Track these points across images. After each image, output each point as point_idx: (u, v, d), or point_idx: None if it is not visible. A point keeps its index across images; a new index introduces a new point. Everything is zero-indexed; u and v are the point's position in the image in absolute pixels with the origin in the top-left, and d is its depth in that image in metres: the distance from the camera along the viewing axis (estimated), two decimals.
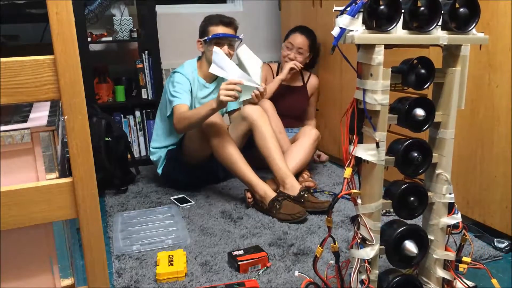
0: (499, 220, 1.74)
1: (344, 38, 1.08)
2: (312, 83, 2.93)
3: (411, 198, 1.19)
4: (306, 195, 2.10)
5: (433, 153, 1.21)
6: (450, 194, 1.23)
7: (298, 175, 2.43)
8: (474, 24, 1.14)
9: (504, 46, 1.64)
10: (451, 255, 1.26)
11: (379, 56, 1.08)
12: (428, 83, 1.16)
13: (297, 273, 1.42)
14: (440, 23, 1.13)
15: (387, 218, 1.37)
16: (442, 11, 1.12)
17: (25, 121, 0.90)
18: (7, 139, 0.82)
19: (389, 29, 1.09)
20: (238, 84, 2.02)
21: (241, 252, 1.65)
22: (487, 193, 1.77)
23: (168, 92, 2.33)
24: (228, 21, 2.33)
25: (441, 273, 1.26)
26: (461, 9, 1.13)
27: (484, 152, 1.77)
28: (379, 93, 1.10)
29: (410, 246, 1.18)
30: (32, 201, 0.82)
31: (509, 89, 1.64)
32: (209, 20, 2.35)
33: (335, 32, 1.08)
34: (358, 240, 1.20)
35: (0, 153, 0.83)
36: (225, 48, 2.27)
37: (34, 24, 2.54)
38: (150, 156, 2.57)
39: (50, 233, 0.90)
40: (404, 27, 1.11)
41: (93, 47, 2.98)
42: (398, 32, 1.10)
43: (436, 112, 1.20)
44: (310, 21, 2.88)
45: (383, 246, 1.19)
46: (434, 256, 1.26)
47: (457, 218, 1.25)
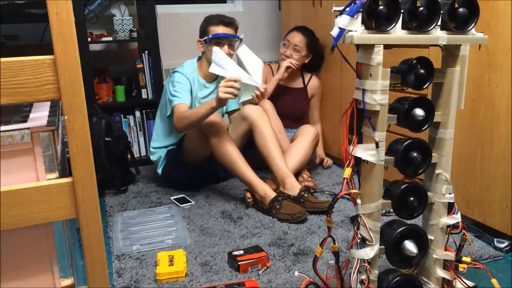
0: (499, 220, 1.74)
1: (344, 38, 1.08)
2: (313, 85, 2.88)
3: (411, 198, 1.20)
4: (306, 195, 2.10)
5: (433, 153, 1.22)
6: (450, 194, 1.23)
7: (298, 175, 2.43)
8: (474, 24, 1.14)
9: (504, 46, 1.64)
10: (451, 255, 1.26)
11: (378, 56, 1.08)
12: (428, 83, 1.17)
13: (297, 273, 1.42)
14: (439, 23, 1.13)
15: (387, 218, 1.37)
16: (441, 11, 1.12)
17: (25, 121, 0.90)
18: (7, 139, 0.83)
19: (388, 29, 1.09)
20: (239, 82, 2.02)
21: (241, 252, 1.65)
22: (487, 193, 1.78)
23: (168, 92, 2.33)
24: (229, 21, 2.33)
25: (441, 273, 1.26)
26: (460, 9, 1.13)
27: (484, 152, 1.77)
28: (379, 93, 1.10)
29: (410, 246, 1.18)
30: (32, 201, 0.82)
31: (509, 89, 1.64)
32: (210, 20, 2.35)
33: (334, 32, 1.08)
34: (358, 240, 1.20)
35: (0, 153, 0.83)
36: (225, 48, 2.27)
37: (34, 24, 2.54)
38: (150, 156, 2.57)
39: (50, 233, 0.90)
40: (403, 27, 1.11)
41: (93, 47, 2.98)
42: (397, 32, 1.11)
43: (436, 112, 1.20)
44: (310, 21, 2.88)
45: (383, 246, 1.19)
46: (434, 256, 1.26)
47: (457, 218, 1.25)
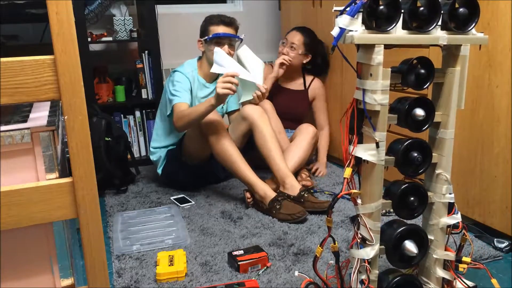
0: (499, 220, 1.74)
1: (344, 38, 1.08)
2: (314, 87, 2.81)
3: (411, 198, 1.20)
4: (306, 195, 2.10)
5: (433, 153, 1.21)
6: (450, 194, 1.23)
7: (296, 174, 2.42)
8: (474, 24, 1.14)
9: (504, 46, 1.64)
10: (451, 255, 1.26)
11: (379, 56, 1.08)
12: (428, 83, 1.16)
13: (297, 273, 1.42)
14: (440, 23, 1.13)
15: (387, 218, 1.37)
16: (442, 11, 1.12)
17: (25, 121, 0.90)
18: (7, 139, 0.82)
19: (389, 29, 1.09)
20: (239, 80, 2.02)
21: (241, 252, 1.65)
22: (487, 193, 1.77)
23: (168, 91, 2.33)
24: (229, 21, 2.33)
25: (441, 273, 1.26)
26: (461, 9, 1.13)
27: (484, 152, 1.77)
28: (379, 93, 1.10)
29: (410, 246, 1.18)
30: (32, 201, 0.82)
31: (509, 89, 1.64)
32: (210, 20, 2.35)
33: (335, 32, 1.08)
34: (358, 240, 1.20)
35: (0, 153, 0.83)
36: (226, 48, 2.27)
37: (34, 24, 2.54)
38: (150, 156, 2.57)
39: (50, 233, 0.90)
40: (404, 27, 1.11)
41: (93, 47, 2.98)
42: (398, 32, 1.10)
43: (436, 112, 1.20)
44: (310, 21, 2.88)
45: (383, 246, 1.19)
46: (434, 256, 1.26)
47: (457, 218, 1.25)
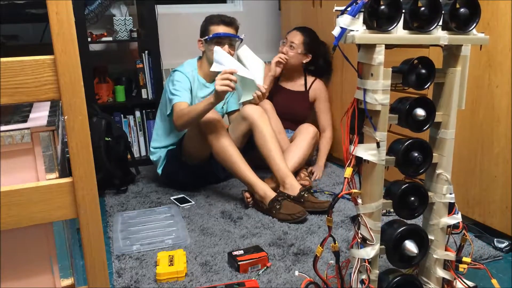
0: (499, 220, 1.74)
1: (345, 38, 1.08)
2: (315, 88, 2.77)
3: (412, 198, 1.19)
4: (306, 195, 2.10)
5: (434, 153, 1.21)
6: (451, 194, 1.23)
7: (296, 174, 2.41)
8: (475, 25, 1.14)
9: (504, 46, 1.64)
10: (451, 255, 1.26)
11: (380, 56, 1.08)
12: (429, 83, 1.16)
13: (297, 273, 1.41)
14: (441, 23, 1.13)
15: (387, 218, 1.37)
16: (443, 11, 1.12)
17: (25, 121, 0.90)
18: (7, 139, 0.82)
19: (390, 29, 1.09)
20: (239, 79, 2.01)
21: (241, 252, 1.65)
22: (487, 193, 1.77)
23: (168, 91, 2.33)
24: (229, 21, 2.33)
25: (441, 273, 1.26)
26: (462, 9, 1.13)
27: (484, 152, 1.77)
28: (380, 93, 1.10)
29: (410, 246, 1.18)
30: (32, 201, 0.82)
31: (509, 89, 1.64)
32: (210, 20, 2.35)
33: (336, 32, 1.08)
34: (359, 240, 1.20)
35: (0, 153, 0.83)
36: (226, 48, 2.27)
37: (34, 24, 2.54)
38: (150, 156, 2.57)
39: (50, 233, 0.90)
40: (405, 27, 1.11)
41: (93, 47, 2.98)
42: (399, 32, 1.10)
43: (437, 112, 1.20)
44: (310, 21, 2.87)
45: (383, 246, 1.19)
46: (434, 256, 1.26)
47: (458, 218, 1.25)
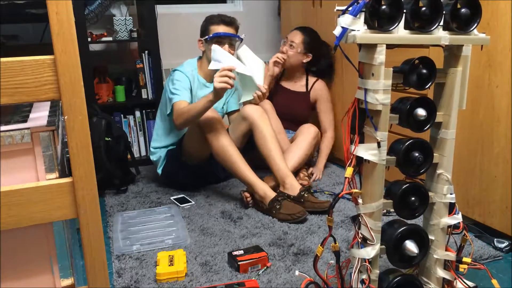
0: (499, 220, 1.74)
1: (346, 38, 1.08)
2: (316, 89, 2.74)
3: (412, 198, 1.19)
4: (306, 195, 2.10)
5: (434, 153, 1.21)
6: (451, 194, 1.23)
7: (296, 174, 2.40)
8: (476, 25, 1.14)
9: (504, 46, 1.64)
10: (452, 256, 1.26)
11: (381, 56, 1.08)
12: (430, 83, 1.16)
13: (298, 273, 1.41)
14: (442, 23, 1.13)
15: (388, 218, 1.37)
16: (444, 11, 1.11)
17: (25, 121, 0.90)
18: (7, 139, 0.82)
19: (391, 29, 1.08)
20: (239, 79, 2.01)
21: (241, 252, 1.64)
22: (487, 193, 1.77)
23: (168, 90, 2.33)
24: (229, 21, 2.33)
25: (442, 273, 1.26)
26: (463, 10, 1.13)
27: (484, 152, 1.77)
28: (381, 93, 1.10)
29: (411, 246, 1.18)
30: (32, 201, 0.82)
31: (509, 89, 1.64)
32: (210, 20, 2.35)
33: (337, 32, 1.07)
34: (359, 240, 1.20)
35: (0, 153, 0.83)
36: (226, 47, 2.27)
37: (34, 24, 2.54)
38: (150, 156, 2.57)
39: (50, 233, 0.90)
40: (406, 27, 1.10)
41: (93, 47, 2.98)
42: (400, 32, 1.10)
43: (437, 112, 1.20)
44: (310, 21, 2.87)
45: (384, 246, 1.19)
46: (435, 256, 1.26)
47: (458, 219, 1.25)
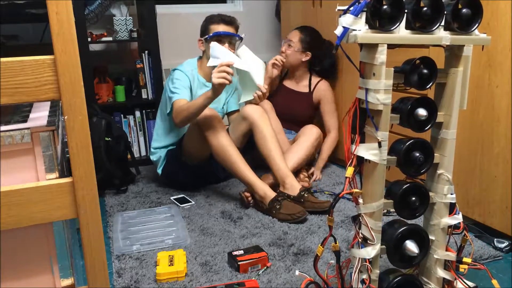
0: (499, 220, 1.74)
1: (347, 38, 1.07)
2: (319, 89, 2.71)
3: (413, 198, 1.19)
4: (306, 195, 2.10)
5: (435, 153, 1.21)
6: (452, 195, 1.23)
7: (296, 174, 2.40)
8: (477, 25, 1.14)
9: (504, 46, 1.63)
10: (452, 256, 1.26)
11: (382, 56, 1.08)
12: (431, 83, 1.16)
13: (298, 272, 1.41)
14: (443, 24, 1.13)
15: (388, 218, 1.37)
16: (445, 12, 1.11)
17: (25, 121, 0.90)
18: (7, 139, 0.82)
19: (392, 29, 1.08)
20: (239, 78, 2.01)
21: (241, 252, 1.64)
22: (487, 193, 1.77)
23: (168, 89, 2.33)
24: (229, 20, 2.33)
25: (442, 273, 1.26)
26: (464, 10, 1.12)
27: (484, 152, 1.76)
28: (382, 93, 1.10)
29: (411, 246, 1.17)
30: (32, 201, 0.82)
31: (509, 89, 1.64)
32: (210, 19, 2.35)
33: (338, 32, 1.07)
34: (359, 240, 1.20)
35: (0, 153, 0.83)
36: (226, 46, 2.27)
37: (34, 24, 2.54)
38: (150, 156, 2.57)
39: (50, 233, 0.90)
40: (407, 27, 1.10)
41: (93, 47, 2.98)
42: (401, 32, 1.10)
43: (438, 113, 1.20)
44: (310, 21, 2.87)
45: (384, 246, 1.19)
46: (435, 256, 1.26)
47: (458, 219, 1.25)
